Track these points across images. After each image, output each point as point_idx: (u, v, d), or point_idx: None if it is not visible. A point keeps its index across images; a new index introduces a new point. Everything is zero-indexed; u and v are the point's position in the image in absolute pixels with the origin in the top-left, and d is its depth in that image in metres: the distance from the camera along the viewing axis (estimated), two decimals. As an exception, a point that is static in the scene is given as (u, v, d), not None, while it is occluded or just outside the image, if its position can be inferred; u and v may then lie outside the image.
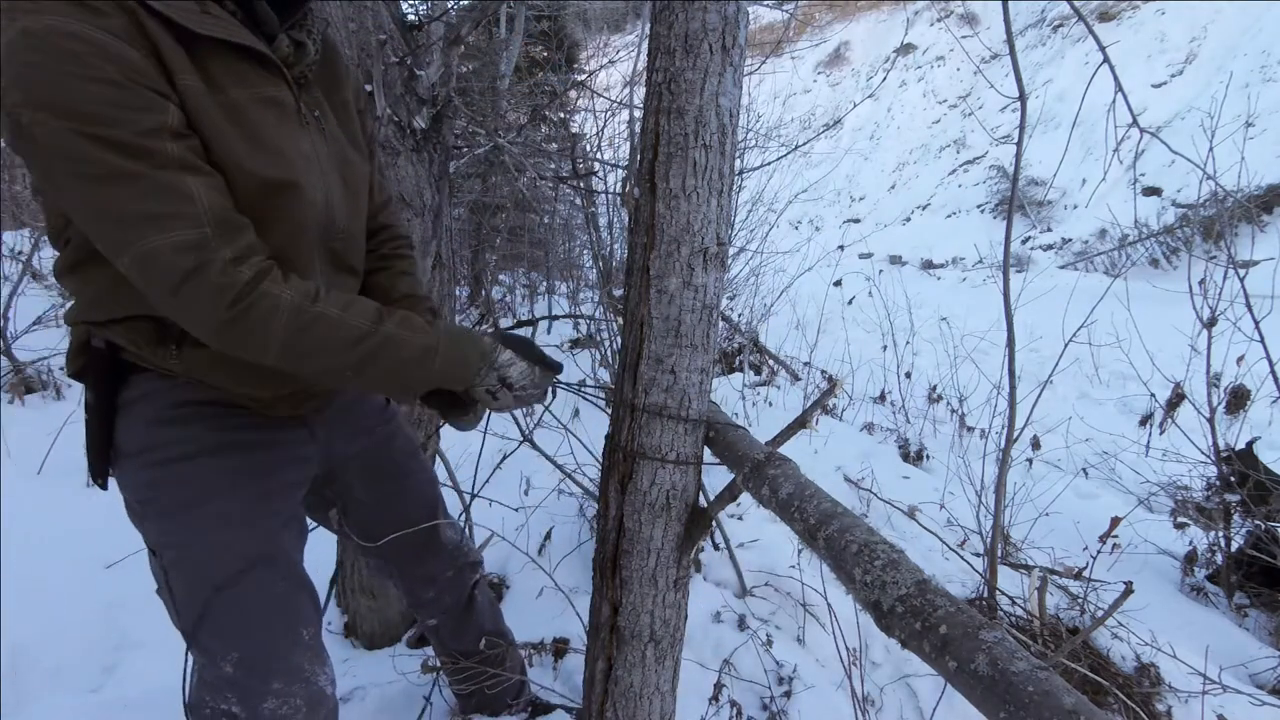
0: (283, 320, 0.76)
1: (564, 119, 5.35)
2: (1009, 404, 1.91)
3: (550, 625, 1.80)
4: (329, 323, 0.79)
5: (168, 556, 0.90)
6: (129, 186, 0.70)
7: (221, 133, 0.78)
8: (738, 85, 0.88)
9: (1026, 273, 10.28)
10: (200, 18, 0.76)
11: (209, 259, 0.72)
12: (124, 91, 0.69)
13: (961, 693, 0.53)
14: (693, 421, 0.96)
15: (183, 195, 0.72)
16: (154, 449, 0.89)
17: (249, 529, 0.92)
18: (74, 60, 0.67)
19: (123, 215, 0.70)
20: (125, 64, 0.69)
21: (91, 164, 0.69)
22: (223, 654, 0.89)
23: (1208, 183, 1.97)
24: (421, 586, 1.26)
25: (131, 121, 0.70)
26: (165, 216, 0.71)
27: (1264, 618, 2.28)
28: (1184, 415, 3.14)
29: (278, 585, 0.93)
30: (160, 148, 0.71)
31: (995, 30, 20.34)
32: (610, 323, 3.58)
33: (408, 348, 0.84)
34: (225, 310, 0.73)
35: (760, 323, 5.30)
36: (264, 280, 0.75)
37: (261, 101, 0.82)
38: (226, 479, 0.91)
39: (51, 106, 0.68)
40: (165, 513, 0.90)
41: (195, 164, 0.74)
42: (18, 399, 2.89)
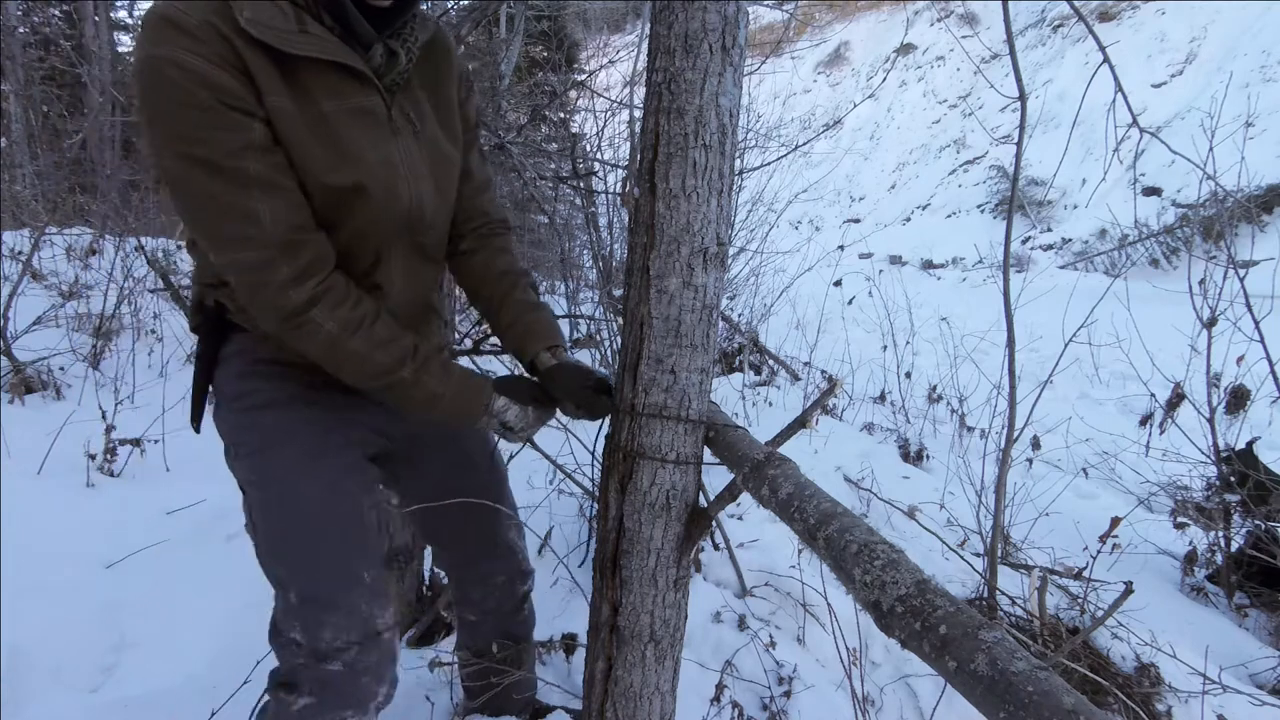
0: (321, 344, 0.89)
1: (564, 119, 5.35)
2: (1009, 404, 1.91)
3: (551, 625, 1.80)
4: (357, 358, 0.91)
5: (252, 494, 1.01)
6: (211, 205, 0.82)
7: (303, 146, 0.86)
8: (738, 85, 0.87)
9: (1026, 273, 10.28)
10: (294, 38, 0.83)
11: (268, 280, 0.84)
12: (213, 114, 0.79)
13: (961, 693, 0.53)
14: (693, 421, 0.96)
15: (252, 219, 0.82)
16: (243, 396, 1.00)
17: (320, 471, 1.00)
18: (174, 86, 0.77)
19: (205, 228, 0.84)
20: (215, 88, 0.79)
21: (184, 181, 0.81)
22: (290, 585, 0.98)
23: (1208, 183, 1.97)
24: (471, 584, 1.30)
25: (219, 142, 0.79)
26: (237, 239, 0.83)
27: (1264, 618, 2.28)
28: (1184, 415, 3.14)
29: (344, 524, 1.00)
30: (243, 167, 0.81)
31: (995, 30, 20.35)
32: (610, 323, 3.58)
33: (418, 392, 0.96)
34: (279, 323, 0.87)
35: (760, 323, 5.30)
36: (315, 307, 0.87)
37: (351, 112, 0.90)
38: (299, 427, 1.01)
39: (156, 126, 0.79)
40: (250, 453, 1.00)
41: (274, 180, 0.84)
42: (18, 399, 2.89)
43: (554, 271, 6.26)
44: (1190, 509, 2.72)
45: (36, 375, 3.03)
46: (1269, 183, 10.56)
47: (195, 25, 0.78)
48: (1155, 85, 16.69)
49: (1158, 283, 4.88)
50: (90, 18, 8.93)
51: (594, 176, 3.46)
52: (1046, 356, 3.95)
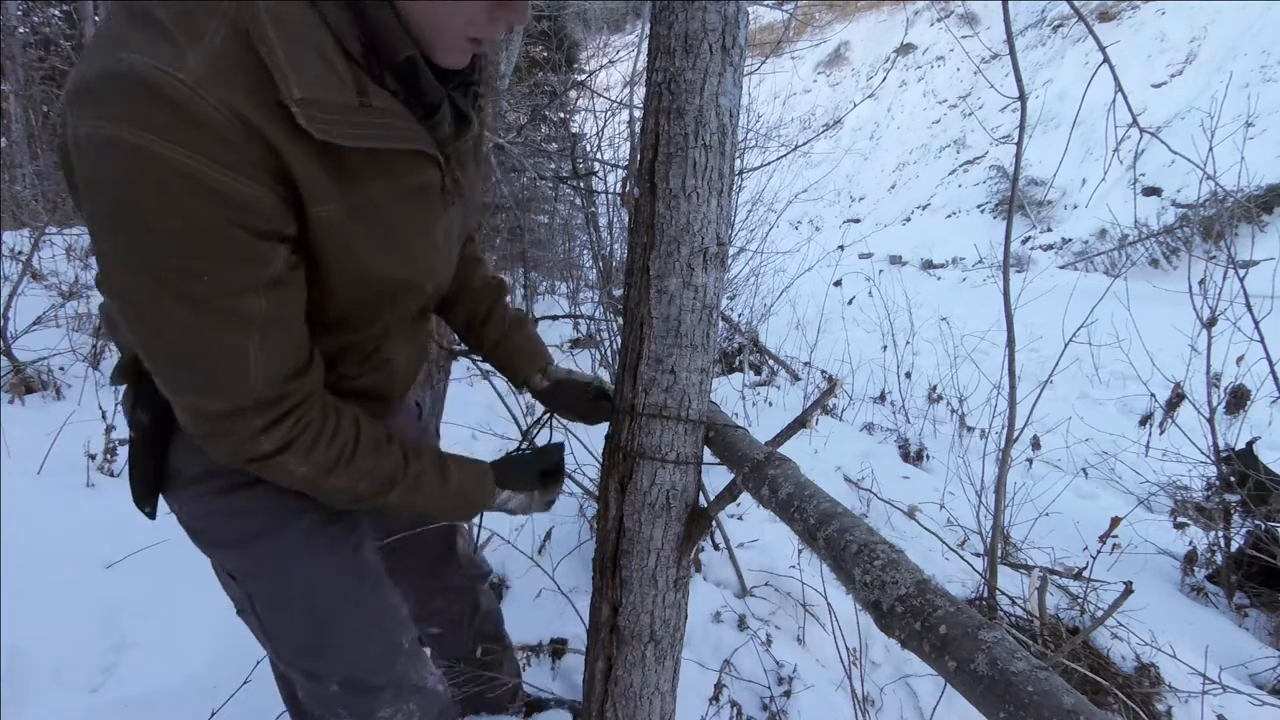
0: (294, 483, 0.74)
1: (564, 119, 5.35)
2: (1009, 404, 1.91)
3: (550, 626, 1.80)
4: (338, 492, 0.77)
5: (252, 584, 0.86)
6: (187, 347, 0.62)
7: (350, 243, 0.69)
8: (738, 85, 0.87)
9: (1026, 273, 10.28)
10: (355, 123, 0.62)
11: (233, 430, 0.67)
12: (224, 243, 0.58)
13: (961, 693, 0.53)
14: (693, 421, 0.96)
15: (237, 369, 0.64)
16: (220, 474, 0.80)
17: (333, 548, 0.88)
18: (172, 200, 0.55)
19: (168, 364, 0.64)
20: (238, 208, 0.57)
21: (154, 309, 0.60)
22: (327, 676, 0.88)
23: (1208, 183, 1.97)
24: (431, 596, 1.25)
25: (223, 278, 0.59)
26: (208, 387, 0.65)
27: (1264, 618, 2.28)
28: (1184, 415, 3.14)
29: (370, 600, 0.91)
30: (244, 308, 0.62)
31: (995, 30, 20.35)
32: (610, 323, 3.58)
33: (411, 508, 0.85)
34: (243, 464, 0.71)
35: (760, 323, 5.30)
36: (284, 452, 0.71)
37: (405, 194, 0.72)
38: (292, 503, 0.84)
39: (127, 237, 0.57)
40: (243, 541, 0.83)
41: (278, 319, 0.65)
42: (18, 399, 2.89)
43: (554, 271, 6.26)
44: (1190, 509, 2.72)
45: (36, 375, 3.03)
46: (1269, 183, 10.56)
47: (221, 120, 0.54)
48: (1155, 85, 16.68)
49: (1158, 283, 4.88)
50: (90, 18, 8.93)
51: (594, 176, 3.46)
52: (1046, 356, 3.95)
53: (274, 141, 0.58)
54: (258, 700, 1.47)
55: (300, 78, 0.57)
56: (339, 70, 0.61)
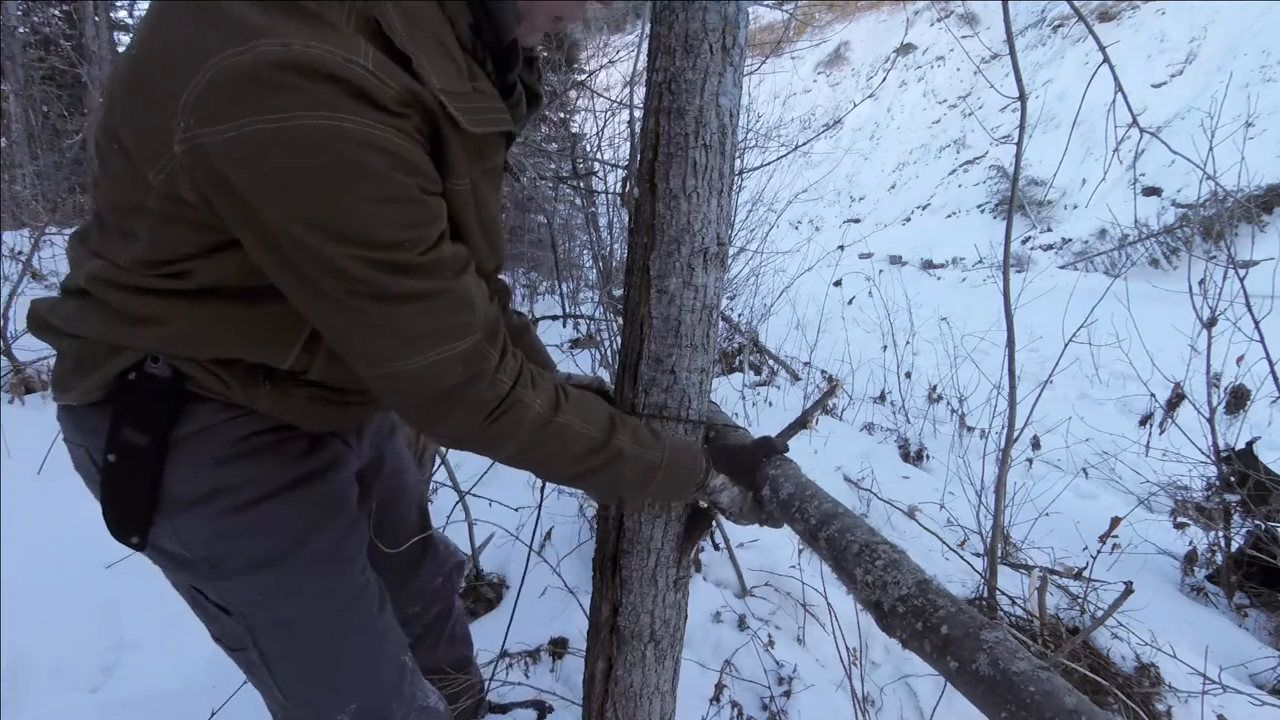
0: (526, 430, 0.71)
1: (564, 119, 5.35)
2: (1009, 404, 1.91)
3: (550, 625, 1.80)
4: (569, 434, 0.74)
5: (256, 616, 0.79)
6: (416, 304, 0.62)
7: (470, 230, 0.70)
8: (738, 85, 0.87)
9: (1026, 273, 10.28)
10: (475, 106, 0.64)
11: (482, 369, 0.67)
12: (417, 207, 0.60)
13: (963, 693, 0.53)
14: (693, 421, 0.96)
15: (466, 304, 0.65)
16: (226, 493, 0.74)
17: (345, 567, 0.84)
18: (367, 177, 0.55)
19: (403, 333, 0.63)
20: (420, 172, 0.60)
21: (375, 285, 0.59)
22: (337, 707, 0.84)
23: (1208, 183, 1.97)
24: (409, 601, 1.19)
25: (420, 240, 0.61)
26: (452, 328, 0.65)
27: (1264, 618, 2.28)
28: (1184, 415, 3.14)
29: (381, 620, 0.88)
30: (442, 258, 0.63)
31: (995, 30, 20.35)
32: (610, 323, 3.58)
33: (633, 465, 0.80)
34: (479, 422, 0.68)
35: (760, 323, 5.30)
36: (519, 385, 0.70)
37: (487, 175, 0.72)
38: (316, 515, 0.80)
39: (334, 231, 0.56)
40: (250, 566, 0.77)
41: (466, 260, 0.67)
42: (18, 399, 2.88)
43: (554, 271, 6.26)
44: (1190, 509, 2.72)
45: (36, 375, 3.02)
46: (1269, 183, 10.56)
47: (395, 96, 0.56)
48: (1155, 85, 16.69)
49: (1158, 283, 4.88)
50: (90, 18, 8.93)
51: (594, 176, 3.46)
52: (1046, 356, 3.95)
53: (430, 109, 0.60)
54: (258, 700, 1.47)
55: (431, 63, 0.60)
56: (456, 58, 0.63)
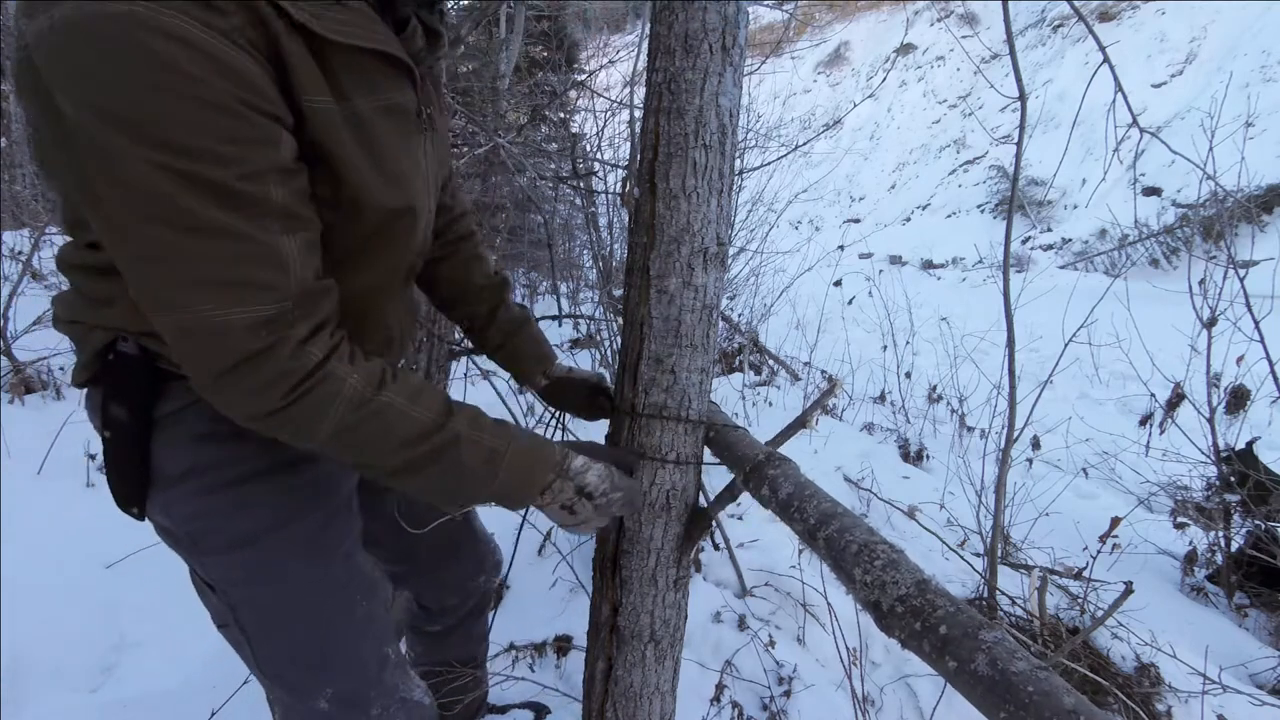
0: (340, 409, 0.64)
1: (564, 119, 5.35)
2: (1009, 404, 1.91)
3: (550, 625, 1.80)
4: (393, 414, 0.67)
5: (237, 593, 0.79)
6: (215, 242, 0.56)
7: (351, 159, 0.65)
8: (738, 85, 0.87)
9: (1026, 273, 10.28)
10: (336, 17, 0.61)
11: (282, 338, 0.60)
12: (237, 120, 0.55)
13: (961, 693, 0.53)
14: (693, 422, 0.96)
15: (276, 262, 0.59)
16: (205, 470, 0.74)
17: (329, 553, 0.83)
18: (174, 72, 0.51)
19: (192, 273, 0.56)
20: (238, 80, 0.54)
21: (174, 207, 0.54)
22: (316, 690, 0.84)
23: (1208, 183, 1.97)
24: (448, 593, 1.19)
25: (237, 160, 0.55)
26: (247, 285, 0.58)
27: (1264, 618, 2.28)
28: (1184, 415, 3.14)
29: (361, 608, 0.86)
30: (264, 195, 0.58)
31: (995, 30, 20.34)
32: (610, 323, 3.58)
33: (472, 452, 0.72)
34: (281, 398, 0.61)
35: (760, 323, 5.30)
36: (331, 359, 0.63)
37: (385, 111, 0.69)
38: (297, 499, 0.80)
39: (127, 123, 0.52)
40: (230, 545, 0.77)
41: (297, 213, 0.61)
42: (18, 399, 2.88)
43: (554, 271, 6.26)
44: (1190, 509, 2.72)
45: (36, 375, 3.03)
46: (1269, 183, 10.56)
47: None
48: (1155, 85, 16.68)
49: (1158, 283, 4.88)
50: (90, 18, 8.92)
51: (594, 176, 3.46)
52: (1046, 356, 3.95)
53: (268, 23, 0.56)
54: (258, 700, 1.47)
55: None
56: None
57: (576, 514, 0.82)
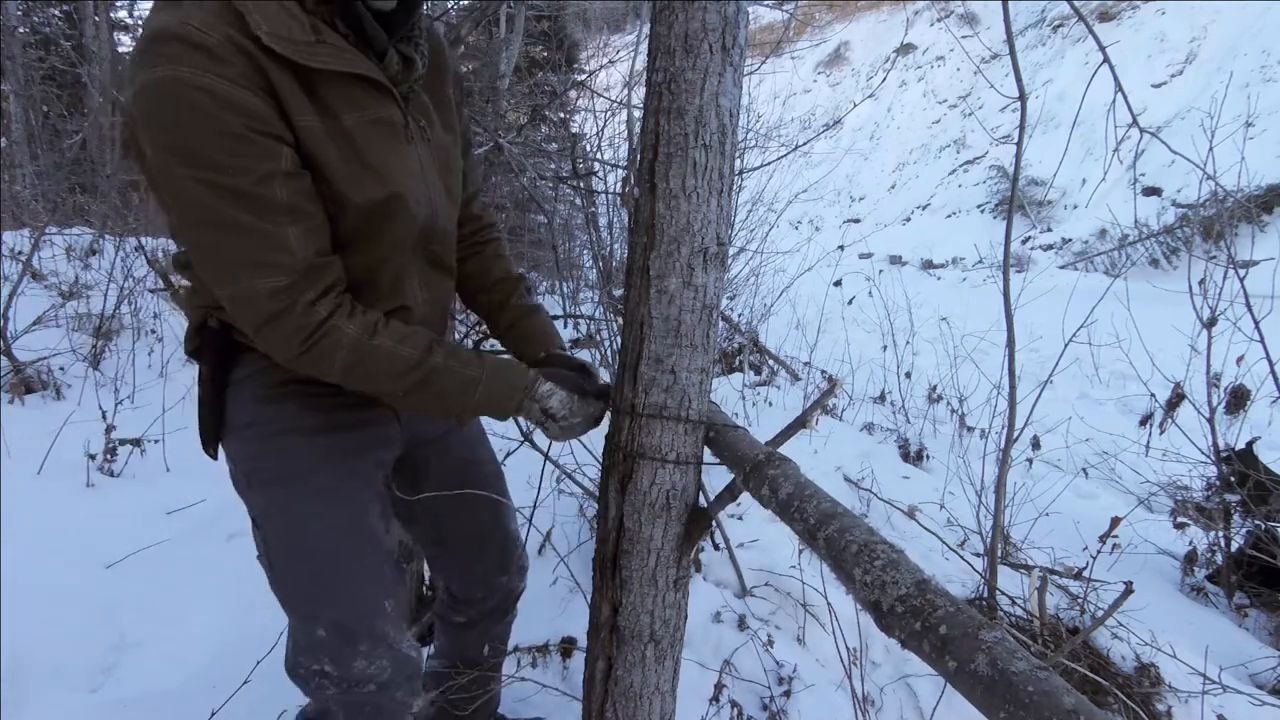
0: (343, 353, 0.84)
1: (564, 119, 5.35)
2: (1009, 404, 1.91)
3: (551, 625, 1.80)
4: (383, 354, 0.87)
5: (270, 527, 0.98)
6: (236, 234, 0.77)
7: (334, 165, 0.84)
8: (738, 85, 0.87)
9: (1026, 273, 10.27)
10: (314, 49, 0.79)
11: (293, 302, 0.80)
12: (244, 142, 0.75)
13: (961, 693, 0.53)
14: (693, 422, 0.96)
15: (282, 247, 0.79)
16: (260, 423, 0.96)
17: (343, 503, 0.99)
18: (201, 113, 0.73)
19: (227, 258, 0.79)
20: (247, 114, 0.75)
21: (205, 209, 0.76)
22: (318, 618, 0.97)
23: (1208, 183, 1.97)
24: (475, 585, 1.28)
25: (248, 170, 0.76)
26: (264, 265, 0.79)
27: (1264, 618, 2.28)
28: (1184, 415, 3.14)
29: (367, 557, 1.00)
30: (271, 195, 0.77)
31: (995, 30, 20.35)
32: (610, 323, 3.58)
33: (452, 379, 0.91)
34: (299, 345, 0.82)
35: (760, 323, 5.30)
36: (335, 316, 0.84)
37: (372, 124, 0.87)
38: (324, 454, 0.98)
39: (176, 151, 0.74)
40: (269, 483, 0.97)
41: (300, 208, 0.81)
42: (18, 399, 2.88)
43: (554, 271, 6.26)
44: (1190, 509, 2.72)
45: (36, 375, 3.02)
46: (1269, 183, 10.56)
47: (217, 44, 0.73)
48: (1155, 85, 16.69)
49: (1158, 283, 4.88)
50: (90, 18, 8.93)
51: (594, 176, 3.46)
52: (1046, 356, 3.95)
53: (260, 63, 0.76)
54: (258, 700, 1.47)
55: (265, 19, 0.76)
56: (298, 17, 0.79)
57: (547, 429, 1.02)
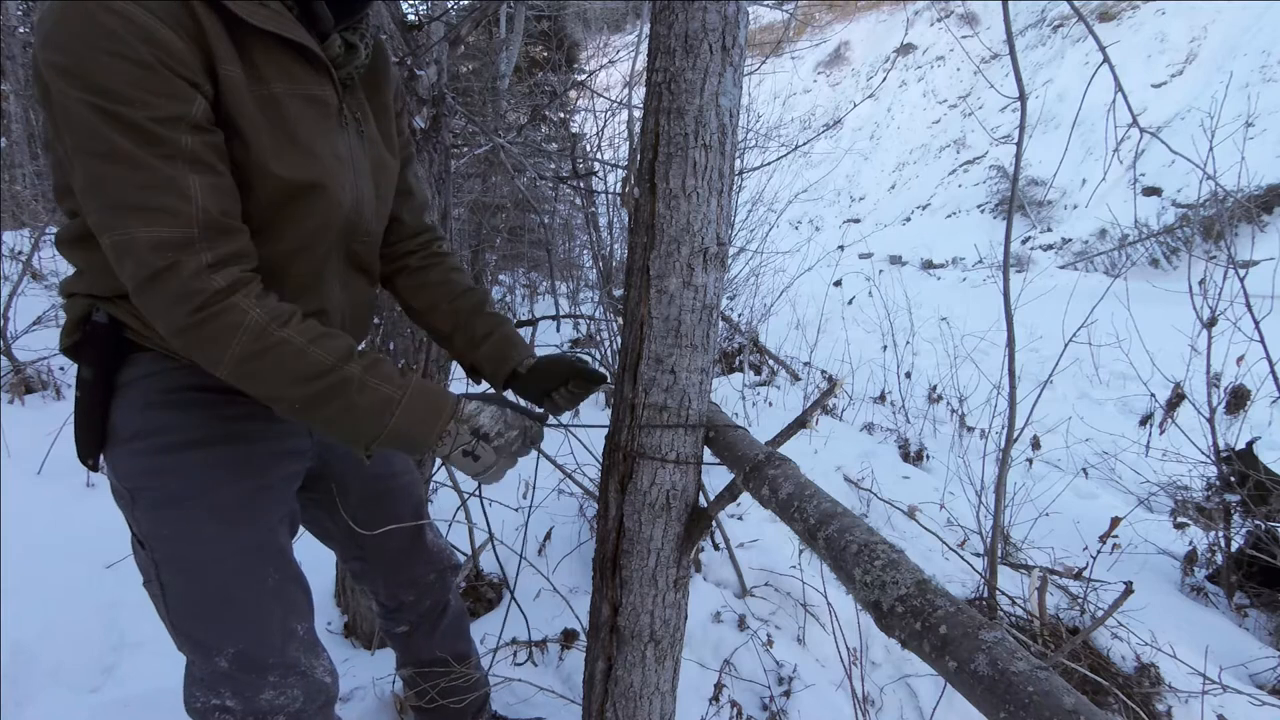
0: (243, 338, 0.73)
1: (564, 119, 5.34)
2: (1009, 404, 1.91)
3: (551, 625, 1.80)
4: (291, 350, 0.75)
5: (160, 550, 0.87)
6: (130, 171, 0.68)
7: (255, 128, 0.77)
8: (738, 85, 0.87)
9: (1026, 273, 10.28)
10: (255, 8, 0.75)
11: (183, 260, 0.70)
12: (152, 75, 0.68)
13: (961, 693, 0.53)
14: (693, 425, 0.96)
15: (178, 192, 0.70)
16: (150, 434, 0.85)
17: (248, 524, 0.90)
18: (109, 36, 0.66)
19: (114, 197, 0.69)
20: (162, 48, 0.68)
21: (99, 140, 0.68)
22: (218, 649, 0.89)
23: (1208, 183, 1.97)
24: (404, 589, 1.24)
25: (151, 105, 0.68)
26: (153, 210, 0.69)
27: (1264, 618, 2.28)
28: (1184, 415, 3.14)
29: (273, 580, 0.92)
30: (173, 138, 0.70)
31: (995, 30, 20.35)
32: (610, 323, 3.58)
33: (366, 394, 0.79)
34: (187, 315, 0.71)
35: (760, 323, 5.30)
36: (236, 292, 0.73)
37: (303, 99, 0.82)
38: (226, 470, 0.88)
39: (76, 76, 0.67)
40: (160, 503, 0.86)
41: (206, 161, 0.73)
42: (18, 399, 2.89)
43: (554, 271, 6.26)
44: (1190, 509, 2.72)
45: (36, 375, 3.03)
46: (1269, 183, 10.56)
47: None
48: (1155, 85, 16.69)
49: (1158, 283, 4.87)
50: (90, 18, 8.91)
51: (594, 176, 3.45)
52: (1046, 356, 3.95)
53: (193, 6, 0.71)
54: (258, 700, 1.47)
55: None
56: None
57: (480, 458, 0.87)
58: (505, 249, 6.48)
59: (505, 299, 6.73)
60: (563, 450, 2.24)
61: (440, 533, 1.33)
